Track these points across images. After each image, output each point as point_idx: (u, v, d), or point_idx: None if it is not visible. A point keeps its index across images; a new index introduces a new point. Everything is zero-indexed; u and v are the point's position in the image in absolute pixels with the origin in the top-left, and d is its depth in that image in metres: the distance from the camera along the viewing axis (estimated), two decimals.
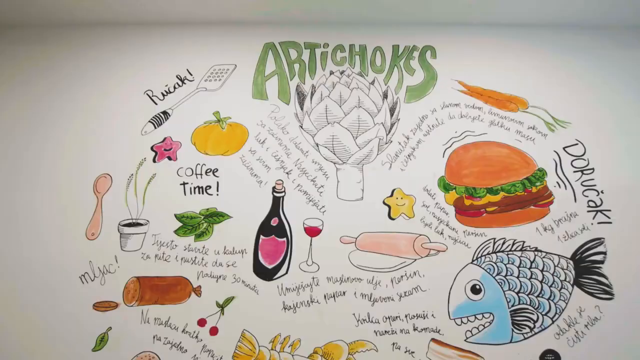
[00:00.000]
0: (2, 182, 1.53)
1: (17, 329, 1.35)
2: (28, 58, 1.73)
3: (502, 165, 1.57)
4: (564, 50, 1.79)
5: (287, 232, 1.46)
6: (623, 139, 1.62)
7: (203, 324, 1.35)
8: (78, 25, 1.82)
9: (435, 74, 1.73)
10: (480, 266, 1.43)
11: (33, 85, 1.68)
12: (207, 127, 1.63)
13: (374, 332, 1.35)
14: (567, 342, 1.35)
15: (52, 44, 1.77)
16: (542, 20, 1.82)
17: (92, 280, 1.40)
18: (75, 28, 1.81)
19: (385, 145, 1.60)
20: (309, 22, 1.81)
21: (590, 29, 1.83)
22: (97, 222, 1.48)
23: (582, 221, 1.50)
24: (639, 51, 1.79)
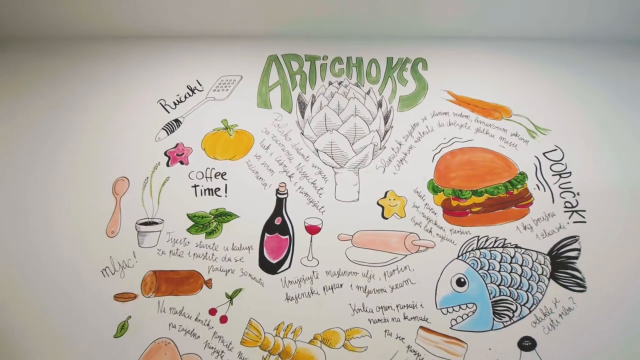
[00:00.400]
0: (31, 186, 1.67)
1: (45, 318, 1.50)
2: (55, 69, 1.88)
3: (487, 169, 1.72)
4: (546, 62, 1.93)
5: (289, 230, 1.61)
6: (598, 145, 1.76)
7: (214, 313, 1.49)
8: (96, 38, 1.96)
9: (426, 85, 1.88)
10: (465, 261, 1.57)
11: (58, 95, 1.83)
12: (216, 134, 1.77)
13: (368, 320, 1.49)
14: (542, 330, 1.49)
15: (74, 56, 1.91)
16: (525, 34, 1.96)
17: (113, 274, 1.55)
18: (93, 41, 1.95)
19: (380, 150, 1.74)
20: (309, 36, 1.95)
21: (570, 42, 1.97)
22: (116, 221, 1.62)
23: (558, 220, 1.64)
24: (616, 63, 1.93)
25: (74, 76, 1.88)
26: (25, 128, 1.78)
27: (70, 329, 1.49)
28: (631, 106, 1.84)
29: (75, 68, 1.90)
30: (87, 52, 1.94)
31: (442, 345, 1.46)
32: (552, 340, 1.49)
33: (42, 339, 1.47)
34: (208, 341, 1.46)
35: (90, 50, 1.94)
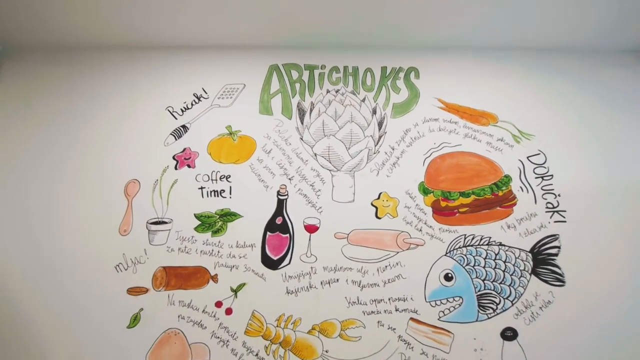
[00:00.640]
0: (47, 189, 1.79)
1: (62, 311, 1.62)
2: (67, 77, 2.00)
3: (474, 172, 1.84)
4: (530, 71, 2.05)
5: (289, 229, 1.73)
6: (579, 149, 1.88)
7: (220, 305, 1.61)
8: (107, 48, 2.08)
9: (418, 93, 2.00)
10: (452, 258, 1.70)
11: (72, 102, 1.95)
12: (221, 139, 1.89)
13: (362, 312, 1.61)
14: (524, 321, 1.61)
15: (85, 65, 2.03)
16: (512, 44, 2.08)
17: (126, 270, 1.67)
18: (105, 51, 2.07)
19: (374, 155, 1.87)
20: (308, 46, 2.07)
21: (553, 51, 2.09)
22: (128, 221, 1.74)
23: (540, 220, 1.76)
24: (596, 71, 2.05)
25: (87, 84, 2.00)
26: (42, 134, 1.90)
27: (87, 320, 1.60)
28: (610, 112, 1.96)
29: (87, 77, 2.02)
30: (98, 62, 2.06)
31: (431, 335, 1.58)
32: (532, 330, 1.60)
33: (62, 330, 1.59)
34: (214, 331, 1.58)
35: (101, 59, 2.07)
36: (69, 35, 2.02)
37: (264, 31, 1.99)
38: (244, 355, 1.54)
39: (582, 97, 1.99)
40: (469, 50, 2.09)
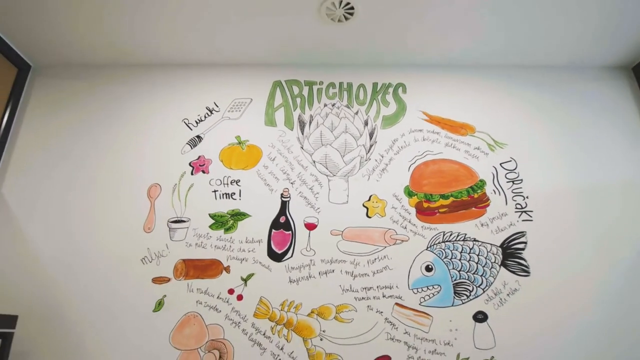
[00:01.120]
0: (81, 193, 2.06)
1: (96, 298, 1.88)
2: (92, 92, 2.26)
3: (453, 177, 2.10)
4: (505, 86, 2.31)
5: (291, 227, 1.99)
6: (545, 157, 2.15)
7: (232, 292, 1.88)
8: (127, 66, 2.34)
9: (405, 106, 2.26)
10: (432, 252, 1.96)
11: (96, 115, 2.21)
12: (231, 148, 2.15)
13: (354, 298, 1.88)
14: (493, 306, 1.88)
15: (110, 80, 2.30)
16: (488, 62, 2.35)
17: (150, 262, 1.93)
18: (125, 68, 2.34)
19: (365, 162, 2.13)
20: (308, 64, 2.33)
21: (526, 68, 2.35)
22: (151, 220, 2.00)
23: (510, 219, 2.02)
24: (565, 87, 2.31)
25: (110, 99, 2.27)
26: (73, 144, 2.16)
27: (118, 305, 1.87)
28: (575, 123, 2.22)
29: (110, 91, 2.28)
30: (120, 78, 2.32)
31: (412, 318, 1.85)
32: (500, 314, 1.86)
33: (96, 314, 1.85)
34: (227, 314, 1.85)
35: (122, 76, 2.33)
36: (93, 53, 2.28)
37: (268, 51, 2.26)
38: (253, 335, 1.81)
39: (550, 110, 2.26)
40: (451, 67, 2.36)
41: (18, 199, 2.05)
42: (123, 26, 2.05)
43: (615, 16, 2.00)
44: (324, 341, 1.79)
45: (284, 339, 1.80)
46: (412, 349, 1.79)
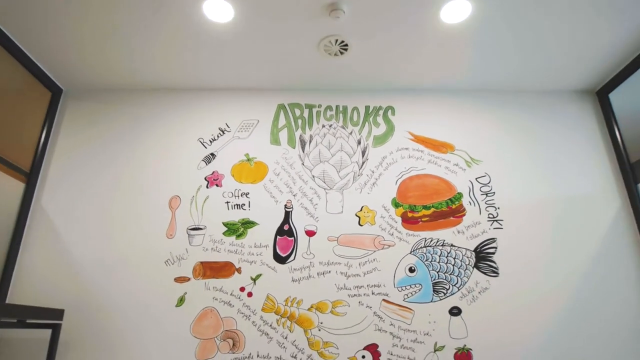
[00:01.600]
0: (111, 203, 2.37)
1: (127, 294, 2.19)
2: (119, 113, 2.57)
3: (434, 190, 2.42)
4: (481, 109, 2.62)
5: (294, 233, 2.31)
6: (515, 172, 2.46)
7: (243, 290, 2.19)
8: (149, 90, 2.66)
9: (393, 127, 2.57)
10: (415, 255, 2.28)
11: (122, 134, 2.52)
12: (241, 164, 2.47)
13: (348, 295, 2.19)
14: (466, 302, 2.19)
15: (134, 103, 2.61)
16: (467, 87, 2.66)
17: (173, 264, 2.25)
18: (148, 92, 2.65)
19: (358, 177, 2.44)
20: (308, 89, 2.65)
21: (502, 92, 2.66)
22: (173, 227, 2.32)
23: (483, 227, 2.34)
24: (532, 110, 2.62)
25: (135, 119, 2.58)
26: (103, 160, 2.48)
27: (146, 301, 2.18)
28: (542, 142, 2.53)
29: (134, 113, 2.60)
30: (143, 101, 2.63)
31: (397, 312, 2.16)
32: (473, 309, 2.18)
33: (128, 308, 2.17)
34: (239, 309, 2.16)
35: (145, 99, 2.64)
36: (120, 79, 2.59)
37: (274, 78, 2.57)
38: (261, 326, 2.12)
39: (521, 130, 2.57)
40: (434, 92, 2.67)
41: (56, 210, 2.37)
42: (145, 55, 2.35)
43: (581, 46, 2.30)
44: (321, 331, 2.11)
45: (287, 330, 2.12)
46: (396, 338, 2.11)
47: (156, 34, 2.18)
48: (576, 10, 2.03)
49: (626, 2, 1.98)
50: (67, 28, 2.14)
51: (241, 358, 2.06)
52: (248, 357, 2.07)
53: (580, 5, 2.00)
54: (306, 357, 2.07)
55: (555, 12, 2.04)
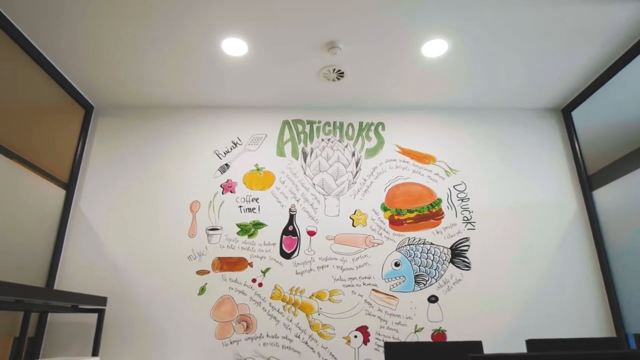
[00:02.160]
0: (140, 207, 2.76)
1: (157, 285, 2.60)
2: (145, 128, 2.96)
3: (417, 196, 2.82)
4: (460, 124, 3.02)
5: (297, 233, 2.71)
6: (487, 181, 2.86)
7: (254, 281, 2.60)
8: (172, 107, 3.04)
9: (383, 141, 2.97)
10: (400, 252, 2.68)
11: (148, 147, 2.91)
12: (251, 173, 2.86)
13: (343, 285, 2.60)
14: (443, 291, 2.61)
15: (158, 119, 2.99)
16: (449, 105, 3.05)
17: (195, 259, 2.65)
18: (170, 109, 3.03)
19: (352, 184, 2.84)
20: (309, 108, 3.03)
21: (477, 109, 3.06)
22: (194, 228, 2.72)
23: (458, 228, 2.75)
24: (504, 126, 3.02)
25: (159, 134, 2.97)
26: (131, 169, 2.87)
27: (173, 290, 2.59)
28: (512, 155, 2.93)
29: (159, 128, 2.98)
30: (166, 117, 3.02)
31: (384, 299, 2.58)
32: (448, 297, 2.60)
33: (158, 296, 2.57)
34: (251, 297, 2.57)
35: (168, 115, 3.02)
36: (145, 98, 2.97)
37: (280, 98, 2.95)
38: (270, 311, 2.54)
39: (494, 144, 2.97)
40: (419, 110, 3.06)
41: (93, 213, 2.76)
42: (168, 79, 2.72)
43: (548, 67, 2.69)
44: (320, 315, 2.53)
45: (292, 314, 2.53)
46: (383, 321, 2.52)
47: (178, 61, 2.56)
48: (541, 44, 2.43)
49: (580, 39, 2.38)
50: (100, 53, 2.52)
51: (254, 337, 2.48)
52: (259, 336, 2.48)
53: (544, 39, 2.39)
54: (308, 337, 2.49)
55: (524, 45, 2.43)
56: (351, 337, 2.49)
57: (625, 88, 2.52)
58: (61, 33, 2.30)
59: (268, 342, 2.47)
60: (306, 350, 2.46)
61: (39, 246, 2.48)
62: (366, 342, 2.48)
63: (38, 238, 2.48)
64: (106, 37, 2.33)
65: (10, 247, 2.24)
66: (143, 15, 2.16)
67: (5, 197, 2.19)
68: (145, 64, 2.58)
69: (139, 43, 2.38)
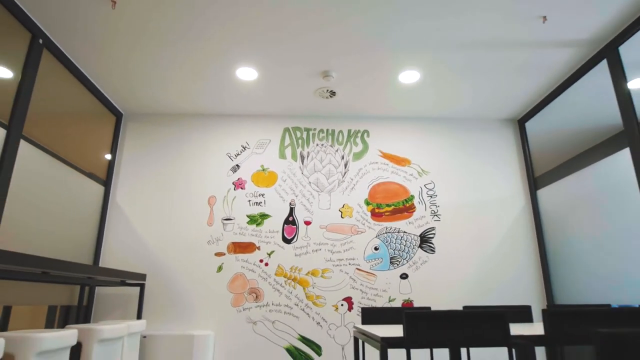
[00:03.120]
0: (167, 201, 3.36)
1: (184, 264, 3.22)
2: (168, 133, 3.52)
3: (394, 193, 3.45)
4: (431, 132, 3.62)
5: (296, 223, 3.33)
6: (452, 181, 3.49)
7: (261, 261, 3.24)
8: (191, 115, 3.59)
9: (367, 146, 3.56)
10: (379, 239, 3.33)
11: (172, 149, 3.48)
12: (258, 173, 3.45)
13: (332, 265, 3.26)
14: (412, 270, 3.27)
15: (180, 125, 3.55)
16: (423, 115, 3.64)
17: (213, 244, 3.27)
18: (190, 116, 3.58)
19: (341, 183, 3.45)
20: (306, 117, 3.61)
21: (447, 119, 3.66)
22: (211, 218, 3.33)
23: (427, 220, 3.39)
24: (469, 133, 3.63)
25: (181, 138, 3.53)
26: (158, 169, 3.44)
27: (196, 268, 3.22)
28: (473, 159, 3.56)
29: (180, 133, 3.54)
30: (186, 123, 3.57)
31: (365, 276, 3.24)
32: (416, 275, 3.27)
33: (185, 273, 3.20)
34: (259, 274, 3.22)
35: (188, 122, 3.58)
36: (167, 107, 3.51)
37: (282, 110, 3.51)
38: (274, 285, 3.19)
39: (459, 149, 3.59)
40: (398, 119, 3.65)
41: (127, 206, 3.35)
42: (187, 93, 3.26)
43: (506, 88, 3.28)
44: (314, 289, 3.19)
45: (292, 288, 3.19)
46: (364, 293, 3.20)
47: (196, 79, 3.11)
48: (496, 74, 3.02)
49: (530, 69, 2.97)
50: (129, 70, 3.05)
51: (261, 305, 3.14)
52: (266, 305, 3.14)
53: (499, 70, 2.98)
54: (304, 305, 3.15)
55: (485, 73, 3.02)
56: (339, 305, 3.16)
57: (570, 105, 3.14)
58: (98, 56, 2.83)
59: (273, 309, 3.14)
60: (303, 316, 3.13)
61: (85, 232, 3.08)
62: (350, 309, 3.16)
63: (85, 226, 3.07)
64: (135, 58, 2.86)
65: (65, 232, 2.84)
66: (166, 41, 2.69)
67: (58, 193, 2.78)
68: (168, 80, 3.12)
69: (162, 63, 2.92)
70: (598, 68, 2.73)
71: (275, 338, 3.10)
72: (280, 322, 3.12)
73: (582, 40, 2.59)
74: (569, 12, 2.32)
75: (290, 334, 3.11)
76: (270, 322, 3.11)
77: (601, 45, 2.64)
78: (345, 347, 3.10)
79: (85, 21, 2.39)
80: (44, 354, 1.65)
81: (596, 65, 2.74)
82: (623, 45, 2.50)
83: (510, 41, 2.60)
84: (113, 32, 2.51)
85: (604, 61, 2.67)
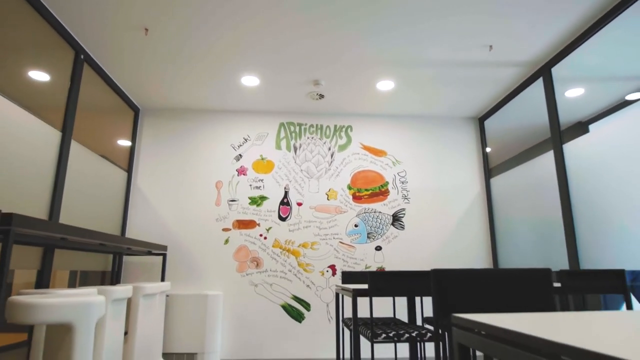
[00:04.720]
0: (180, 185, 3.98)
1: (197, 239, 3.88)
2: (181, 127, 4.10)
3: (372, 179, 4.12)
4: (405, 127, 4.27)
5: (290, 204, 4.00)
6: (421, 170, 4.18)
7: (261, 235, 3.92)
8: (201, 111, 4.16)
9: (351, 139, 4.20)
10: (358, 217, 4.03)
11: (184, 141, 4.07)
12: (258, 162, 4.08)
13: (320, 239, 3.95)
14: (385, 243, 4.00)
15: (191, 120, 4.13)
16: (399, 113, 4.28)
17: (220, 221, 3.93)
18: (200, 112, 4.15)
19: (328, 170, 4.10)
20: (299, 114, 4.21)
21: (419, 116, 4.30)
22: (219, 200, 3.97)
23: (399, 202, 4.09)
24: (439, 130, 4.29)
25: (192, 131, 4.11)
26: (172, 158, 4.04)
27: (208, 242, 3.89)
28: (440, 151, 4.24)
29: (191, 127, 4.12)
30: (196, 118, 4.15)
31: (347, 248, 3.95)
32: (389, 247, 4.00)
33: (199, 246, 3.87)
34: (260, 246, 3.90)
35: (198, 117, 4.15)
36: (179, 103, 4.07)
37: (279, 107, 4.10)
38: (272, 254, 3.88)
39: (428, 143, 4.25)
40: (377, 116, 4.28)
41: (147, 189, 3.96)
42: (197, 92, 3.82)
43: (468, 91, 3.92)
44: (305, 258, 3.90)
45: (286, 257, 3.89)
46: (345, 261, 3.92)
47: (204, 81, 3.67)
48: (460, 84, 3.65)
49: (486, 81, 3.61)
50: (145, 70, 3.60)
51: (261, 271, 3.85)
52: (265, 271, 3.85)
53: (459, 82, 3.62)
54: (296, 271, 3.87)
55: (449, 83, 3.65)
56: (324, 271, 3.89)
57: (522, 106, 3.80)
58: (126, 66, 3.37)
59: (271, 274, 3.85)
60: (295, 280, 3.86)
61: (114, 212, 3.70)
62: (334, 275, 3.89)
63: (113, 206, 3.69)
64: (150, 59, 3.41)
65: (98, 211, 3.46)
66: (182, 57, 3.25)
67: (92, 181, 3.38)
68: (180, 79, 3.67)
69: (175, 64, 3.47)
70: (536, 84, 3.39)
71: (272, 297, 3.83)
72: (276, 285, 3.84)
73: (523, 61, 3.22)
74: (510, 41, 2.95)
75: (285, 294, 3.84)
76: (269, 285, 3.83)
77: (538, 66, 3.29)
78: (329, 304, 3.85)
79: (121, 43, 2.93)
80: (144, 297, 2.34)
81: (535, 81, 3.40)
82: (555, 67, 3.15)
83: (465, 62, 3.22)
84: (140, 51, 3.05)
85: (540, 78, 3.33)
